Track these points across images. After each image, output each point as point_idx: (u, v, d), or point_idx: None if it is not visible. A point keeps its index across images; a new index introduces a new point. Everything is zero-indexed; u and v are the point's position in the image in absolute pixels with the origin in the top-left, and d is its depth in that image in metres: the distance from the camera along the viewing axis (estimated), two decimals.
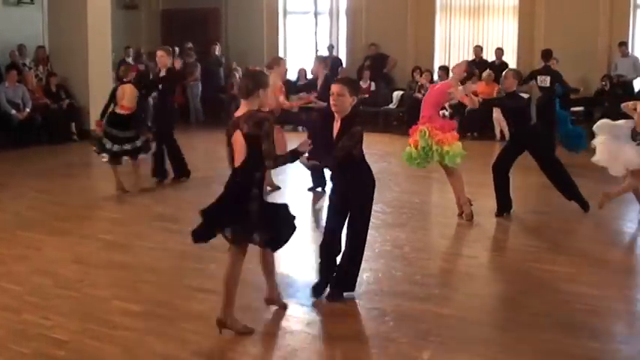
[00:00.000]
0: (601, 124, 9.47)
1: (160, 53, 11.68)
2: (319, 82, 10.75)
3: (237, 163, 5.46)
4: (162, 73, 11.58)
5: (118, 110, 10.77)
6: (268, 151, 5.37)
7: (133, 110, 10.80)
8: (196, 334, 5.61)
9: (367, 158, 6.26)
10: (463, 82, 9.21)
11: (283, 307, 6.06)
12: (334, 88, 6.10)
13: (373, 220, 9.20)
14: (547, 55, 14.09)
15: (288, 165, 5.91)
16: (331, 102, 6.11)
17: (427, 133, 8.98)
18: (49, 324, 5.78)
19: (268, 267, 5.93)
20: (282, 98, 10.40)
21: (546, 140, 10.02)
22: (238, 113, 5.51)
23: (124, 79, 11.05)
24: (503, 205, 9.39)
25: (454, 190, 9.31)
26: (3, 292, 6.56)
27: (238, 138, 5.42)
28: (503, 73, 9.88)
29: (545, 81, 13.82)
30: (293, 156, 5.65)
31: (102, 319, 5.88)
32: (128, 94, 10.77)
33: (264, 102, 5.60)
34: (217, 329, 5.49)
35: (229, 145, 5.53)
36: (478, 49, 18.00)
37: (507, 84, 9.36)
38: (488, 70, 16.71)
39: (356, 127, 6.05)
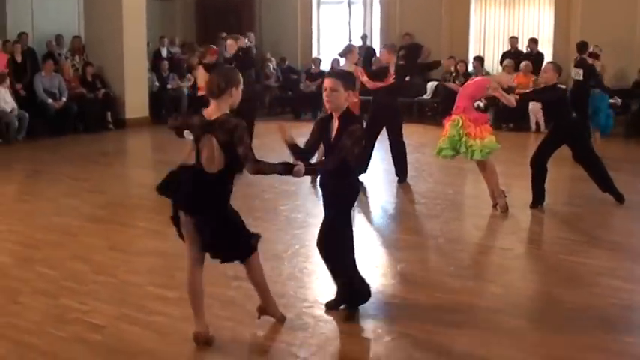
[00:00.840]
0: None
1: (229, 42, 11.95)
2: (391, 71, 10.76)
3: (210, 168, 5.06)
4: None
5: (199, 93, 11.08)
6: (245, 155, 4.94)
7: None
8: (230, 321, 5.64)
9: None
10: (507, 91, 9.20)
11: (280, 320, 5.61)
12: (327, 82, 5.54)
13: (407, 212, 9.29)
14: (582, 47, 13.96)
15: None
16: (324, 98, 5.56)
17: (460, 123, 8.95)
18: (85, 308, 5.85)
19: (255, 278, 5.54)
20: (365, 78, 10.50)
21: (584, 134, 9.91)
22: (209, 112, 5.09)
23: (203, 61, 11.36)
24: (539, 198, 9.33)
25: (487, 182, 9.27)
26: (40, 277, 6.65)
27: (211, 143, 5.02)
28: (543, 65, 9.79)
29: (578, 74, 13.69)
30: (283, 169, 5.16)
31: (138, 305, 5.94)
32: (202, 76, 11.05)
33: (236, 101, 5.15)
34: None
35: (197, 143, 5.12)
36: (514, 40, 17.88)
37: (547, 77, 9.28)
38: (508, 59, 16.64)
39: (355, 124, 5.46)
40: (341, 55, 11.23)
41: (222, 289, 6.23)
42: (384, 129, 10.85)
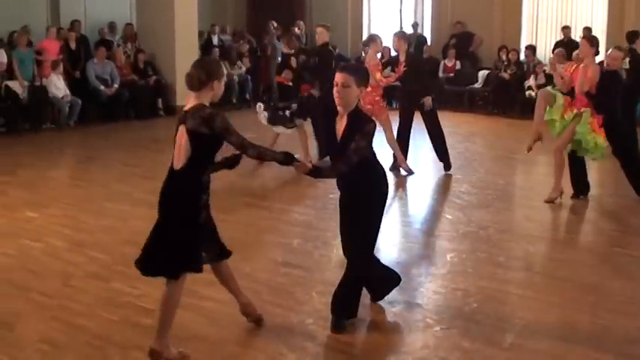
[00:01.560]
0: None
1: (319, 30, 11.93)
2: (401, 59, 10.62)
3: (178, 164, 4.90)
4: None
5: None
6: (240, 143, 4.73)
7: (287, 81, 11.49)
8: (279, 307, 5.66)
9: (453, 137, 6.13)
10: None
11: (258, 320, 5.36)
12: (338, 77, 5.10)
13: (457, 201, 9.23)
14: (631, 36, 13.69)
15: None
16: (335, 94, 5.12)
17: (589, 119, 8.64)
18: (136, 293, 5.91)
19: (229, 280, 5.30)
20: (379, 75, 10.37)
21: (622, 127, 9.36)
22: (187, 107, 4.90)
23: (284, 51, 11.60)
24: (579, 188, 9.18)
25: (556, 170, 9.02)
26: (92, 261, 6.74)
27: (182, 134, 4.84)
28: (609, 51, 9.53)
29: (625, 63, 13.40)
30: (284, 158, 4.92)
31: (188, 290, 5.93)
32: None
33: (218, 94, 4.93)
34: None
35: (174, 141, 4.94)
36: (567, 30, 17.63)
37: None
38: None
39: (369, 123, 5.09)
40: (364, 44, 11.23)
41: (270, 276, 6.25)
42: (421, 117, 10.77)
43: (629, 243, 7.57)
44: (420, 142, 11.14)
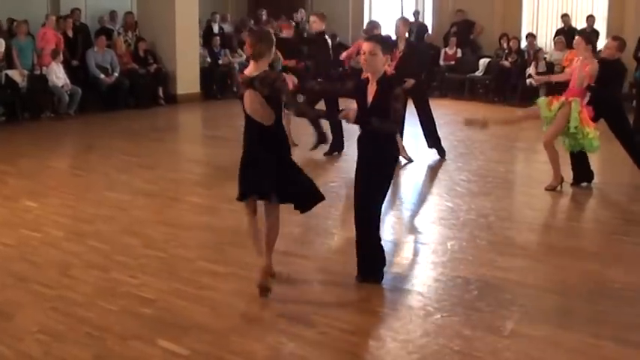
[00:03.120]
0: None
1: (312, 19, 11.89)
2: (400, 46, 10.54)
3: (264, 120, 5.57)
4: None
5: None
6: (290, 100, 5.59)
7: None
8: (280, 296, 5.65)
9: (454, 125, 6.14)
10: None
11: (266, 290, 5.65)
12: (365, 46, 5.62)
13: (458, 189, 9.22)
14: None
15: None
16: (362, 62, 5.65)
17: (578, 109, 8.70)
18: (136, 282, 5.90)
19: (267, 230, 5.83)
20: None
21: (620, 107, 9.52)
22: (250, 72, 5.57)
23: (280, 36, 11.64)
24: (582, 175, 9.17)
25: (552, 162, 9.07)
26: (92, 250, 6.72)
27: (255, 97, 5.51)
28: (607, 41, 9.54)
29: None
30: (327, 114, 6.24)
31: (188, 279, 5.98)
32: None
33: (275, 58, 5.57)
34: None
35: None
36: (566, 18, 17.58)
37: (610, 53, 9.06)
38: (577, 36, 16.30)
39: (400, 87, 5.68)
40: (365, 32, 11.17)
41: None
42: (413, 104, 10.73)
43: (628, 230, 7.56)
44: (418, 129, 11.09)
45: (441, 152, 10.87)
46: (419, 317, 5.36)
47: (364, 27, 11.21)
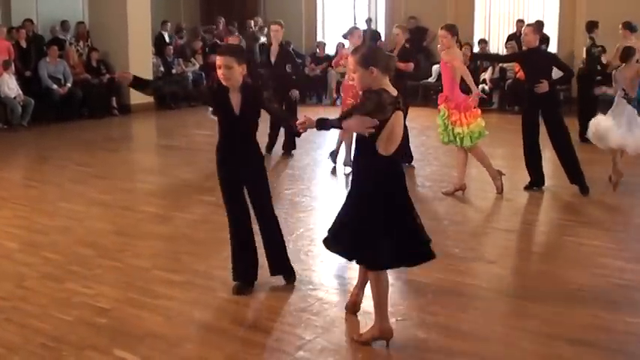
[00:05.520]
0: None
1: (274, 27, 11.92)
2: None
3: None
4: (275, 48, 11.91)
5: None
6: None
7: None
8: (235, 304, 5.66)
9: (408, 132, 6.12)
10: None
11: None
12: (220, 60, 5.52)
13: (411, 194, 9.23)
14: (590, 26, 13.80)
15: None
16: (220, 75, 5.56)
17: (445, 114, 9.04)
18: (91, 292, 5.86)
19: None
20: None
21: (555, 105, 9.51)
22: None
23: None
24: (534, 179, 9.33)
25: (482, 164, 9.28)
26: (46, 261, 6.67)
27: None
28: (523, 29, 9.74)
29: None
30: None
31: (143, 289, 5.96)
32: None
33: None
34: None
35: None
36: (520, 24, 17.78)
37: (528, 40, 9.20)
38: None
39: (265, 92, 5.80)
40: (344, 36, 11.23)
41: (226, 273, 6.22)
42: None
43: (580, 232, 7.67)
44: None
45: (407, 160, 10.79)
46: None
47: (344, 32, 11.20)
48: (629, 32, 12.39)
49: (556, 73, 9.18)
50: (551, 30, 17.76)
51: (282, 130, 11.56)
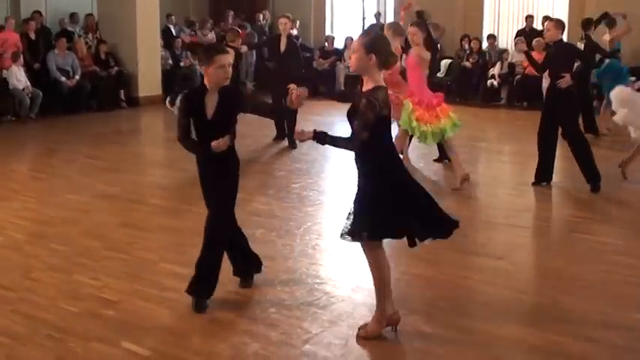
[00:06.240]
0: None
1: (282, 20, 12.00)
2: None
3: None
4: (284, 41, 11.98)
5: None
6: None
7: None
8: (241, 296, 5.68)
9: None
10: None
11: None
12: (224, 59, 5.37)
13: None
14: (586, 24, 13.77)
15: None
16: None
17: (410, 107, 9.16)
18: (98, 284, 5.88)
19: None
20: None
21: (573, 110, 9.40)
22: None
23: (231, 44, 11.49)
24: (543, 175, 9.27)
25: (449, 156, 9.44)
26: (54, 253, 6.68)
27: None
28: (545, 24, 9.74)
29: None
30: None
31: (150, 281, 5.96)
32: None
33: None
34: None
35: None
36: (530, 19, 17.75)
37: (550, 35, 9.17)
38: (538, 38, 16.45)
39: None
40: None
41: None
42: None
43: (589, 229, 7.66)
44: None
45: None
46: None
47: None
48: None
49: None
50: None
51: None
